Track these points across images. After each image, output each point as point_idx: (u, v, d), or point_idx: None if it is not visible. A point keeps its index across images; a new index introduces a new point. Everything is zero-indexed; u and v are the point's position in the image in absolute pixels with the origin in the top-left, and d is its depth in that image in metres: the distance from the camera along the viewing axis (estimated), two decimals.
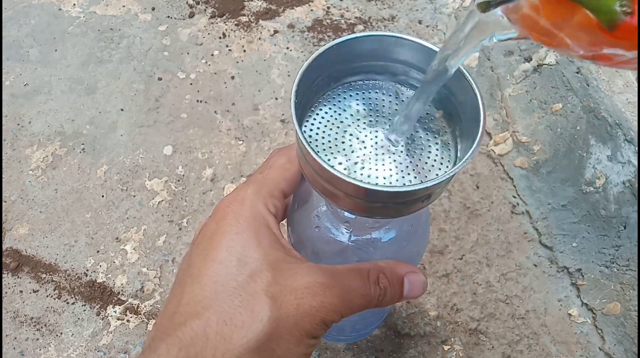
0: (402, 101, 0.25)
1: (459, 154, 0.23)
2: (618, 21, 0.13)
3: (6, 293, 0.48)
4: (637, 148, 0.43)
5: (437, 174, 0.22)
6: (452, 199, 0.53)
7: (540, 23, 0.15)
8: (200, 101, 0.60)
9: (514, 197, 0.53)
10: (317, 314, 0.22)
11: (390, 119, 0.24)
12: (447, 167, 0.23)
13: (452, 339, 0.46)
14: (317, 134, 0.23)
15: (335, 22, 0.66)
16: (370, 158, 0.23)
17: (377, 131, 0.23)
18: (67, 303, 0.48)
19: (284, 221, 0.31)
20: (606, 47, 0.14)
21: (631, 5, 0.13)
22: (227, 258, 0.23)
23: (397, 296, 0.25)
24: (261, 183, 0.25)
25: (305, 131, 0.23)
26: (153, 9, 0.68)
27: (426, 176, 0.22)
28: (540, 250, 0.51)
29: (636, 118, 0.43)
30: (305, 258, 0.29)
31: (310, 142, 0.23)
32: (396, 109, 0.24)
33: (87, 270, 0.49)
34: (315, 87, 0.24)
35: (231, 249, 0.23)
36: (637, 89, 0.45)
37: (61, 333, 0.47)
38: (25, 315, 0.47)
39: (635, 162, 0.43)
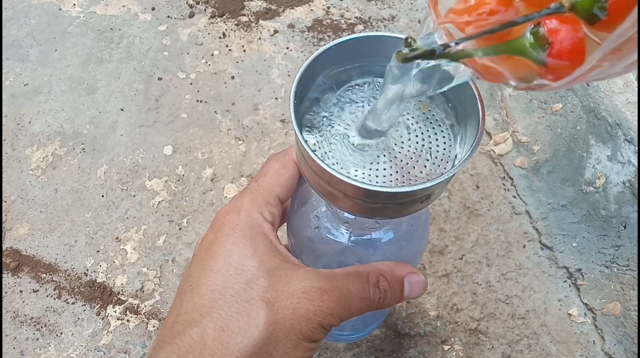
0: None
1: (458, 154, 0.23)
2: (544, 56, 0.14)
3: (6, 293, 0.48)
4: (637, 148, 0.43)
5: (435, 174, 0.22)
6: (452, 199, 0.53)
7: (482, 62, 0.16)
8: (200, 101, 0.60)
9: (514, 197, 0.53)
10: (314, 318, 0.22)
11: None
12: (446, 167, 0.23)
13: (452, 339, 0.46)
14: (317, 133, 0.23)
15: (335, 22, 0.66)
16: (371, 157, 0.22)
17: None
18: (67, 303, 0.48)
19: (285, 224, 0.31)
20: (537, 79, 0.15)
21: (549, 40, 0.14)
22: (225, 267, 0.23)
23: (397, 298, 0.25)
24: (256, 191, 0.26)
25: (305, 132, 0.23)
26: (153, 8, 0.68)
27: (427, 176, 0.22)
28: (540, 250, 0.51)
29: (636, 118, 0.43)
30: (306, 260, 0.29)
31: (313, 145, 0.23)
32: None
33: (87, 270, 0.50)
34: (316, 87, 0.24)
35: (228, 258, 0.23)
36: (637, 89, 0.45)
37: (61, 333, 0.47)
38: (25, 315, 0.47)
39: (635, 162, 0.43)
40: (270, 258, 0.24)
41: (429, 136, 0.23)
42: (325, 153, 0.23)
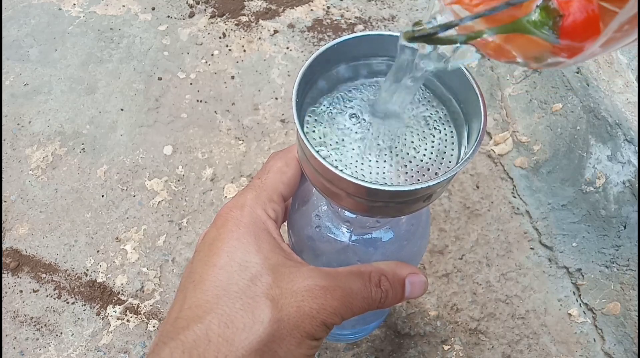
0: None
1: (460, 153, 0.23)
2: (557, 30, 0.14)
3: (6, 293, 0.48)
4: (637, 148, 0.43)
5: (436, 173, 0.22)
6: (452, 199, 0.53)
7: (492, 42, 0.16)
8: (200, 101, 0.60)
9: (514, 197, 0.53)
10: (317, 316, 0.22)
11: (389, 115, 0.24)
12: (448, 166, 0.23)
13: (452, 339, 0.46)
14: (318, 133, 0.23)
15: (335, 22, 0.66)
16: (373, 155, 0.23)
17: (380, 128, 0.23)
18: (67, 303, 0.48)
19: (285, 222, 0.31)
20: (550, 57, 0.15)
21: (560, 12, 0.13)
22: (228, 264, 0.23)
23: (398, 298, 0.25)
24: (260, 189, 0.26)
25: (306, 130, 0.23)
26: (153, 8, 0.68)
27: (429, 173, 0.22)
28: (540, 250, 0.51)
29: (636, 118, 0.43)
30: (306, 258, 0.29)
31: (314, 142, 0.23)
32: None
33: (87, 270, 0.49)
34: (316, 86, 0.24)
35: (232, 254, 0.23)
36: (637, 89, 0.45)
37: (61, 333, 0.47)
38: (25, 315, 0.47)
39: (635, 162, 0.43)
40: (274, 255, 0.24)
41: (431, 135, 0.23)
42: (328, 150, 0.23)
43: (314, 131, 0.23)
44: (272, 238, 0.24)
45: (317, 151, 0.20)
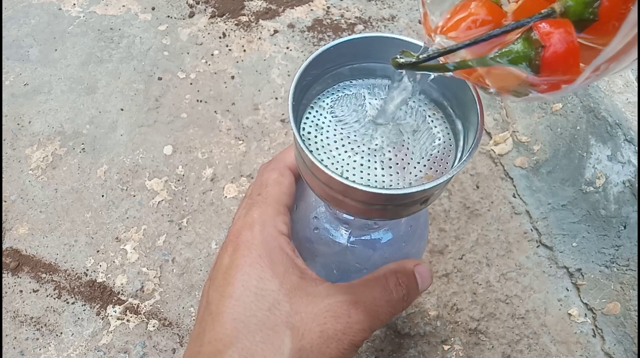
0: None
1: (457, 155, 0.23)
2: (538, 61, 0.14)
3: (6, 293, 0.48)
4: (637, 148, 0.43)
5: (433, 176, 0.22)
6: (452, 199, 0.53)
7: (475, 72, 0.16)
8: (200, 101, 0.60)
9: (514, 197, 0.53)
10: (343, 338, 0.22)
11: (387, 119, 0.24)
12: (445, 168, 0.23)
13: (452, 339, 0.46)
14: (316, 134, 0.23)
15: (335, 22, 0.66)
16: (369, 158, 0.22)
17: (376, 130, 0.23)
18: (67, 303, 0.48)
19: None
20: (531, 91, 0.15)
21: (542, 43, 0.13)
22: (244, 294, 0.22)
23: (415, 292, 0.25)
24: (264, 204, 0.25)
25: (303, 133, 0.23)
26: (153, 8, 0.68)
27: (426, 176, 0.22)
28: (540, 249, 0.51)
29: (636, 118, 0.43)
30: (305, 259, 0.29)
31: (310, 144, 0.23)
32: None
33: (87, 270, 0.50)
34: (315, 87, 0.24)
35: (247, 283, 0.23)
36: (637, 89, 0.45)
37: (61, 333, 0.47)
38: (25, 315, 0.47)
39: (635, 162, 0.43)
40: (289, 277, 0.23)
41: (429, 137, 0.23)
42: (325, 151, 0.23)
43: (309, 134, 0.23)
44: (286, 256, 0.24)
45: (312, 152, 0.20)
